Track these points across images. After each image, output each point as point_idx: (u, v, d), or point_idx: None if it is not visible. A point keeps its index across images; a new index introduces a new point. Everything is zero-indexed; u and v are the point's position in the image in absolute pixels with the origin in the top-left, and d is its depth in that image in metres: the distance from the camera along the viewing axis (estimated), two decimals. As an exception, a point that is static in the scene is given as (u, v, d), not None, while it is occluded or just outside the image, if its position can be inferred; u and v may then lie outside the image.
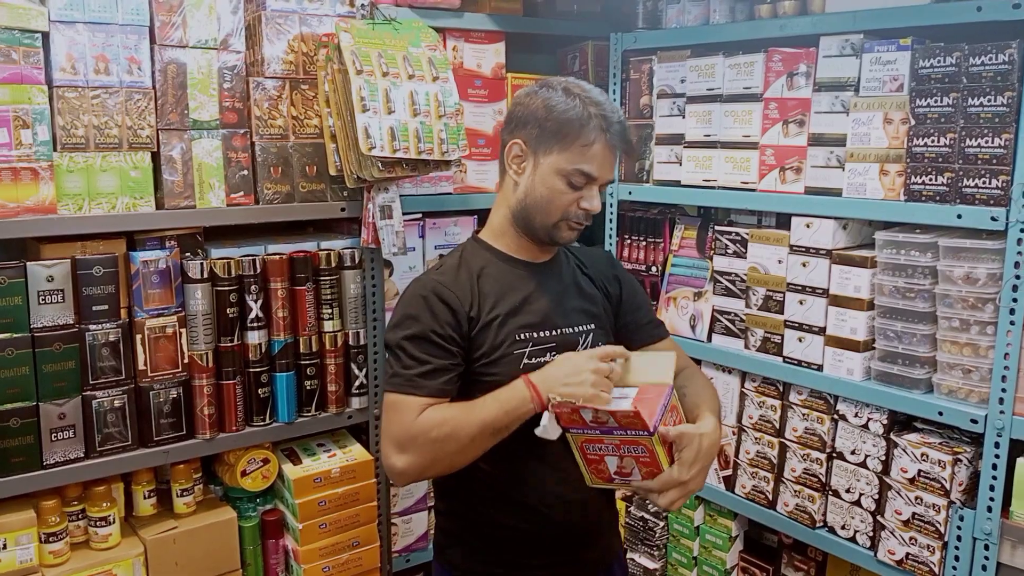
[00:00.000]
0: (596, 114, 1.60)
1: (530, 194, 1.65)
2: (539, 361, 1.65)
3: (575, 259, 1.83)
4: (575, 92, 1.63)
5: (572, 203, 1.63)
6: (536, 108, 1.64)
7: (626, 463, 1.56)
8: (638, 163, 2.56)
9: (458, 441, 1.51)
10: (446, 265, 1.70)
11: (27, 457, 1.92)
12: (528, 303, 1.68)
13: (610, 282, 1.85)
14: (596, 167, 1.61)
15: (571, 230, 1.67)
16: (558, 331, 1.69)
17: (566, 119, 1.60)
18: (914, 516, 1.95)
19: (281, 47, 2.17)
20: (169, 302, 2.09)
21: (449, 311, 1.60)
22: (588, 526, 1.74)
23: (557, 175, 1.62)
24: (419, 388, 1.56)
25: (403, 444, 1.53)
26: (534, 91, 1.68)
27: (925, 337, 1.93)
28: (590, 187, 1.63)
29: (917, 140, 1.89)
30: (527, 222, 1.67)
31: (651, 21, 2.52)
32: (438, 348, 1.58)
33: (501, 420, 1.52)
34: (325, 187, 2.28)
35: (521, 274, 1.71)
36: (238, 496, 2.32)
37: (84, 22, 1.92)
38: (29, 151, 1.87)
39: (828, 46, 2.06)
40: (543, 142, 1.62)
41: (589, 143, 1.60)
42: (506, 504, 1.67)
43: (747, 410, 2.32)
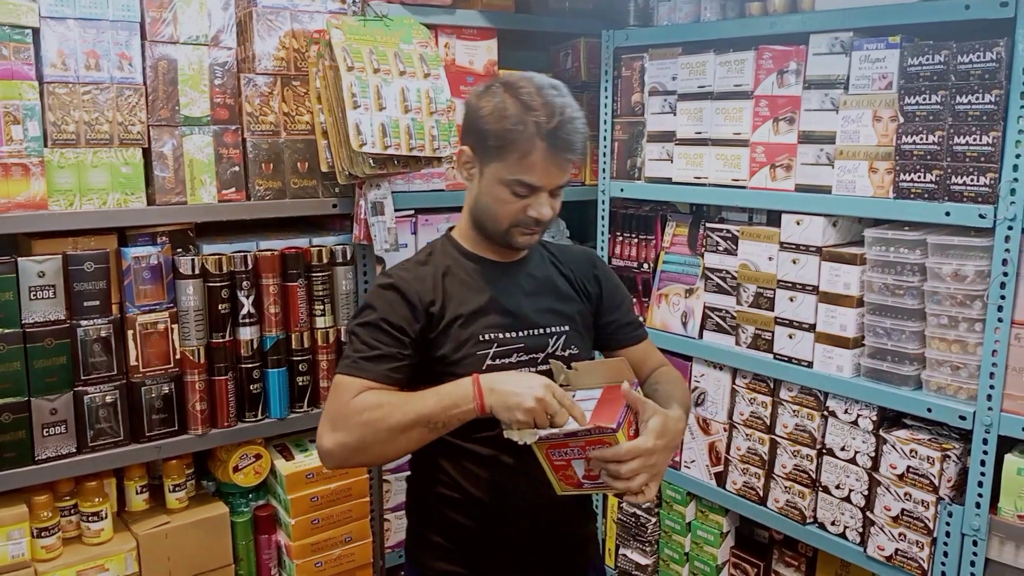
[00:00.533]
0: (534, 121, 1.49)
1: (479, 202, 1.60)
2: (504, 362, 1.59)
3: (553, 258, 1.77)
4: (516, 96, 1.52)
5: (520, 211, 1.55)
6: (476, 116, 1.56)
7: (594, 465, 1.47)
8: (629, 160, 2.56)
9: (389, 427, 1.44)
10: (412, 260, 1.67)
11: (19, 452, 1.93)
12: (495, 303, 1.62)
13: (589, 281, 1.78)
14: (537, 177, 1.52)
15: (525, 235, 1.59)
16: (526, 332, 1.63)
17: (502, 129, 1.51)
18: (903, 512, 1.96)
19: (272, 43, 2.18)
20: (161, 298, 2.09)
21: (406, 304, 1.55)
22: (559, 533, 1.67)
23: (500, 185, 1.54)
24: (363, 371, 1.50)
25: (335, 423, 1.47)
26: (478, 94, 1.59)
27: (914, 334, 1.94)
28: (536, 195, 1.54)
29: (906, 138, 1.90)
30: (482, 227, 1.62)
31: (643, 18, 2.52)
32: (388, 336, 1.53)
33: (438, 415, 1.44)
34: (317, 183, 2.28)
35: (489, 273, 1.65)
36: (231, 492, 2.33)
37: (75, 18, 1.92)
38: (20, 147, 1.87)
39: (818, 44, 2.06)
40: (484, 152, 1.55)
41: (527, 153, 1.50)
42: (472, 508, 1.62)
43: (738, 406, 2.33)
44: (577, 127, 1.54)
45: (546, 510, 1.62)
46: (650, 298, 2.55)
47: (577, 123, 1.54)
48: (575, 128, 1.54)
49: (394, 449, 1.48)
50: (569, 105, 1.54)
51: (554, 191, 1.57)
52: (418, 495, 1.72)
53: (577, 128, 1.54)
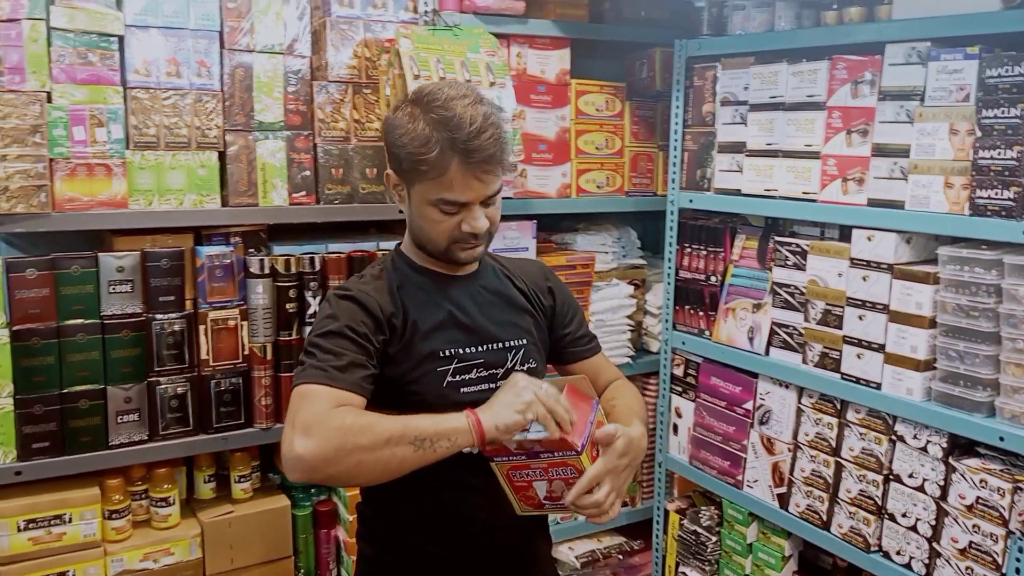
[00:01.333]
0: (446, 137, 1.42)
1: (413, 224, 1.56)
2: (464, 378, 1.55)
3: (505, 271, 1.71)
4: (424, 111, 1.46)
5: (454, 228, 1.49)
6: (391, 139, 1.51)
7: (555, 486, 1.46)
8: (699, 171, 2.52)
9: (373, 435, 1.30)
10: (367, 275, 1.61)
11: (94, 437, 2.04)
12: (452, 317, 1.57)
13: (543, 294, 1.72)
14: (459, 193, 1.46)
15: (466, 250, 1.54)
16: (485, 346, 1.58)
17: (412, 151, 1.45)
18: (971, 545, 1.86)
19: (345, 52, 2.24)
20: (232, 295, 2.18)
21: (367, 314, 1.48)
22: (518, 554, 1.64)
23: (427, 205, 1.49)
24: (334, 380, 1.38)
25: (309, 429, 1.30)
26: (391, 115, 1.54)
27: (988, 358, 1.84)
28: (468, 209, 1.48)
29: (983, 152, 1.81)
30: (423, 248, 1.57)
31: (716, 27, 2.48)
32: (354, 344, 1.44)
33: (427, 431, 1.33)
34: (385, 189, 2.33)
35: (444, 287, 1.59)
36: (294, 486, 2.40)
37: (158, 27, 2.03)
38: (103, 148, 1.98)
39: (894, 54, 1.99)
40: (404, 174, 1.51)
41: (443, 171, 1.44)
42: (432, 532, 1.57)
43: (803, 427, 2.26)
44: (491, 135, 1.45)
45: (507, 530, 1.59)
46: (716, 312, 2.51)
47: (493, 131, 1.46)
48: (491, 137, 1.45)
49: (373, 463, 1.31)
50: (481, 113, 1.46)
51: (486, 201, 1.50)
52: (374, 521, 1.65)
53: (492, 137, 1.46)
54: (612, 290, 2.74)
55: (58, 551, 2.01)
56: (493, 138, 1.46)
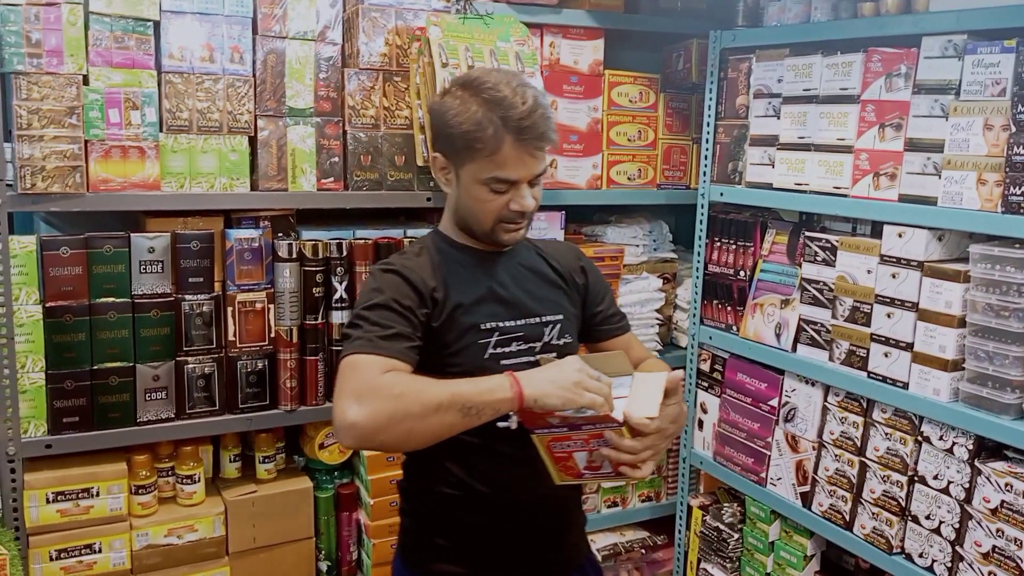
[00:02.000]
0: (499, 116, 1.49)
1: (460, 204, 1.61)
2: (504, 351, 1.60)
3: (538, 250, 1.77)
4: (476, 93, 1.52)
5: (502, 207, 1.55)
6: (442, 121, 1.56)
7: (596, 456, 1.48)
8: (731, 164, 2.50)
9: (423, 403, 1.36)
10: (408, 252, 1.67)
11: (122, 413, 2.09)
12: (492, 291, 1.62)
13: (576, 273, 1.77)
14: (511, 170, 1.52)
15: (511, 231, 1.60)
16: (523, 320, 1.63)
17: (467, 130, 1.51)
18: (994, 549, 1.82)
19: (377, 40, 2.26)
20: (259, 278, 2.21)
21: (411, 288, 1.54)
22: (556, 525, 1.69)
23: (477, 185, 1.55)
24: (382, 349, 1.44)
25: (362, 396, 1.36)
26: (439, 99, 1.61)
27: (1018, 359, 1.80)
28: (516, 188, 1.54)
29: (1018, 148, 1.77)
30: (467, 229, 1.63)
31: (752, 19, 2.45)
32: (400, 316, 1.50)
33: (474, 398, 1.38)
34: (413, 177, 2.35)
35: (483, 263, 1.65)
36: (317, 468, 2.43)
37: (192, 12, 2.06)
38: (137, 131, 2.02)
39: (930, 47, 1.95)
40: (455, 155, 1.56)
41: (496, 149, 1.50)
42: (473, 503, 1.61)
43: (828, 425, 2.23)
44: (543, 114, 1.53)
45: (546, 500, 1.63)
46: (744, 307, 2.48)
47: (542, 110, 1.53)
48: (541, 115, 1.52)
49: (423, 430, 1.38)
50: (531, 94, 1.53)
51: (533, 181, 1.57)
52: (416, 496, 1.70)
53: (543, 115, 1.53)
54: (641, 283, 2.73)
55: (85, 524, 2.06)
56: (543, 117, 1.53)
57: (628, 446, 1.43)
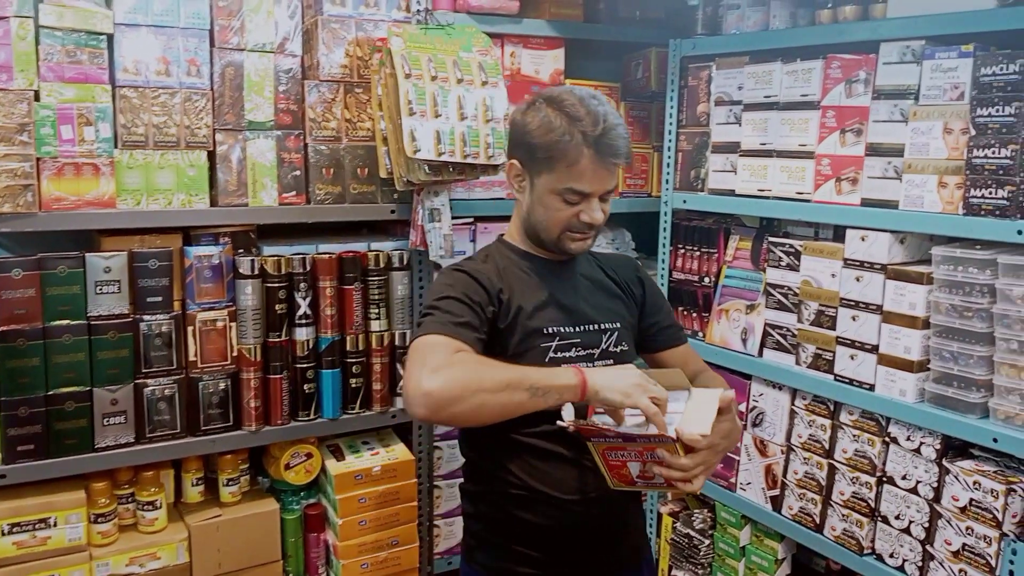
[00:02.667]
0: (580, 131, 1.58)
1: (531, 212, 1.69)
2: (563, 356, 1.66)
3: (598, 262, 1.86)
4: (560, 108, 1.61)
5: (572, 217, 1.64)
6: (523, 130, 1.65)
7: (648, 468, 1.53)
8: (693, 171, 2.51)
9: (495, 380, 1.44)
10: (476, 257, 1.77)
11: (80, 439, 2.02)
12: (553, 298, 1.70)
13: (634, 284, 1.86)
14: (587, 184, 1.61)
15: (578, 241, 1.68)
16: (582, 327, 1.71)
17: (549, 141, 1.60)
18: (964, 547, 1.85)
19: (337, 51, 2.22)
20: (220, 296, 2.16)
21: (480, 287, 1.62)
22: (614, 524, 1.74)
23: (552, 194, 1.63)
24: (455, 334, 1.53)
25: (437, 369, 1.43)
26: (522, 110, 1.69)
27: (982, 359, 1.83)
28: (588, 201, 1.63)
29: (977, 151, 1.80)
30: (535, 236, 1.71)
31: (711, 27, 2.47)
32: (470, 309, 1.58)
33: (541, 381, 1.46)
34: (376, 189, 2.32)
35: (544, 271, 1.73)
36: (283, 489, 2.37)
37: (147, 25, 2.01)
38: (91, 147, 1.96)
39: (888, 53, 1.98)
40: (533, 164, 1.64)
41: (575, 161, 1.59)
42: (533, 502, 1.67)
43: (796, 428, 2.25)
44: (620, 133, 1.62)
45: (604, 501, 1.67)
46: (710, 313, 2.49)
47: (620, 129, 1.62)
48: (619, 134, 1.62)
49: (494, 404, 1.44)
50: (611, 113, 1.63)
51: (604, 196, 1.66)
52: (480, 497, 1.76)
53: (621, 134, 1.62)
54: (605, 292, 2.72)
55: (43, 555, 1.98)
56: (620, 135, 1.62)
57: (680, 464, 1.48)
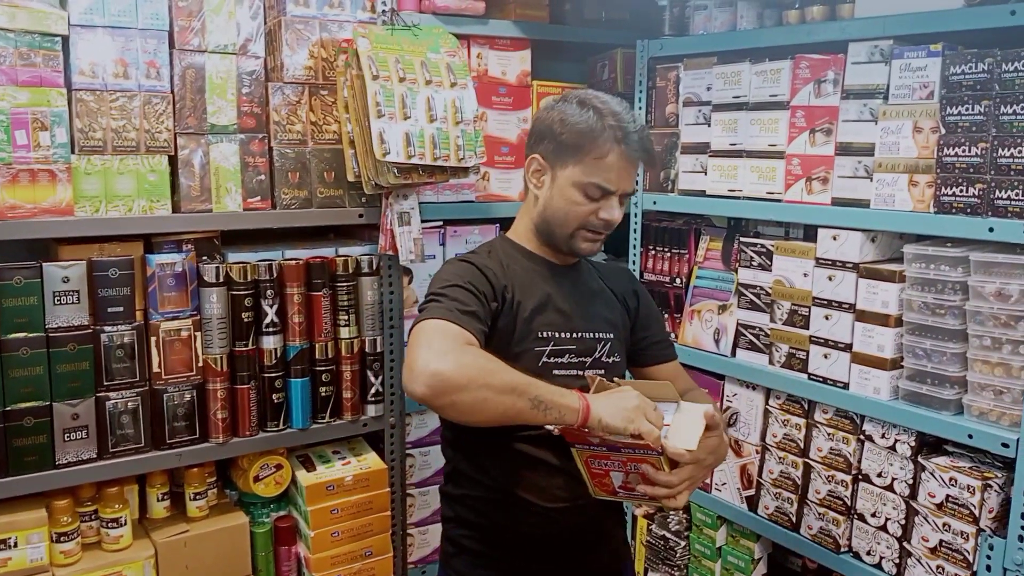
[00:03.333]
0: (611, 125, 1.60)
1: (549, 207, 1.68)
2: (557, 361, 1.65)
3: (597, 271, 1.86)
4: (591, 104, 1.64)
5: (590, 214, 1.64)
6: (552, 122, 1.65)
7: (631, 479, 1.53)
8: (663, 172, 2.50)
9: (501, 379, 1.39)
10: (479, 251, 1.74)
11: (40, 456, 1.94)
12: (552, 301, 1.69)
13: (629, 296, 1.86)
14: (612, 179, 1.62)
15: (590, 241, 1.68)
16: (578, 334, 1.70)
17: (579, 131, 1.61)
18: (941, 543, 1.86)
19: (301, 52, 2.17)
20: (184, 305, 2.09)
21: (486, 280, 1.61)
22: (597, 532, 1.72)
23: (574, 188, 1.63)
24: (461, 322, 1.48)
25: (447, 354, 1.39)
26: (551, 105, 1.70)
27: (955, 356, 1.84)
28: (608, 199, 1.64)
29: (947, 150, 1.81)
30: (547, 233, 1.70)
31: (678, 28, 2.47)
32: (476, 299, 1.56)
33: (545, 396, 1.42)
34: (343, 193, 2.27)
35: (546, 273, 1.72)
36: (252, 501, 2.31)
37: (104, 26, 1.94)
38: (47, 153, 1.89)
39: (857, 52, 1.99)
40: (559, 156, 1.64)
41: (603, 155, 1.60)
42: (513, 508, 1.65)
43: (771, 428, 2.25)
44: (646, 136, 1.66)
45: (585, 508, 1.66)
46: (682, 314, 2.49)
47: (645, 133, 1.66)
48: (646, 137, 1.66)
49: (495, 404, 1.39)
50: (638, 118, 1.67)
51: (622, 197, 1.67)
52: (459, 500, 1.73)
53: (647, 137, 1.66)
54: (576, 294, 2.70)
55: (3, 577, 1.91)
56: (648, 137, 1.67)
57: (664, 480, 1.48)
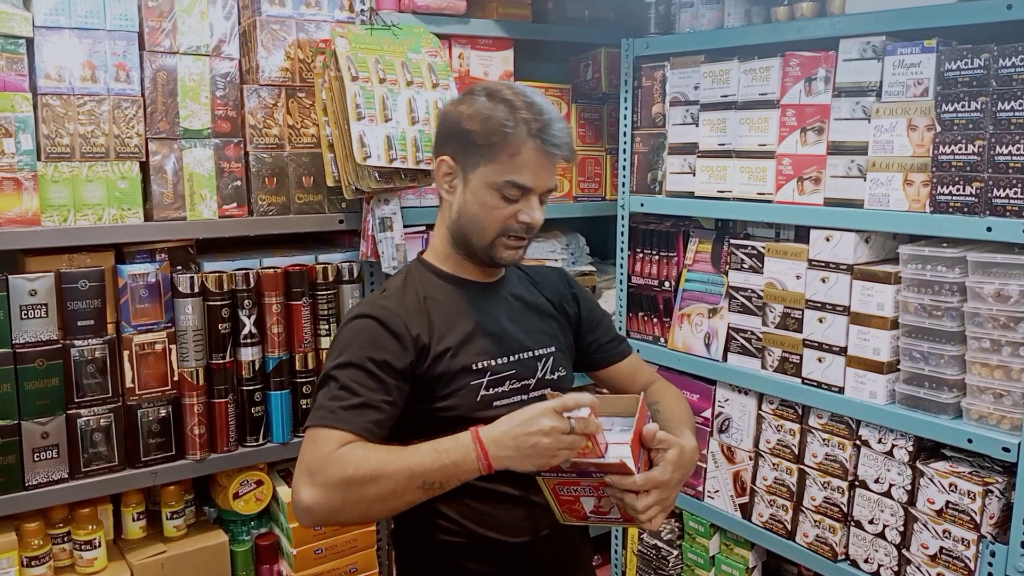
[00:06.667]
0: (524, 118, 1.45)
1: (463, 213, 1.52)
2: (498, 391, 1.52)
3: (528, 278, 1.71)
4: (500, 95, 1.48)
5: (509, 217, 1.49)
6: (459, 120, 1.50)
7: (604, 503, 1.43)
8: (650, 174, 2.45)
9: (378, 488, 1.30)
10: (391, 288, 1.56)
11: (8, 478, 1.86)
12: (482, 328, 1.54)
13: (568, 302, 1.72)
14: (529, 176, 1.47)
15: (512, 248, 1.52)
16: (515, 356, 1.57)
17: (490, 128, 1.45)
18: (942, 551, 1.81)
19: (277, 54, 2.11)
20: (158, 317, 2.02)
21: (393, 338, 1.44)
22: (565, 562, 1.61)
23: (489, 189, 1.48)
24: (342, 422, 1.37)
25: (315, 475, 1.31)
26: (456, 101, 1.55)
27: (953, 358, 1.80)
28: (527, 199, 1.49)
29: (943, 148, 1.77)
30: (464, 243, 1.54)
31: (664, 26, 2.42)
32: (373, 379, 1.41)
33: (435, 475, 1.31)
34: (323, 198, 2.20)
35: (472, 297, 1.57)
36: (232, 519, 2.24)
37: (70, 28, 1.87)
38: (12, 160, 1.81)
39: (848, 49, 1.94)
40: (470, 156, 1.49)
41: (517, 151, 1.45)
42: (475, 547, 1.52)
43: (764, 434, 2.20)
44: (563, 127, 1.51)
45: (551, 540, 1.56)
46: (671, 318, 2.44)
47: (562, 123, 1.51)
48: (562, 127, 1.50)
49: (381, 510, 1.36)
50: (553, 107, 1.52)
51: (543, 196, 1.53)
52: (413, 546, 1.60)
53: (563, 128, 1.51)
54: (562, 299, 2.65)
55: (-30, 605, 1.83)
56: (565, 129, 1.51)
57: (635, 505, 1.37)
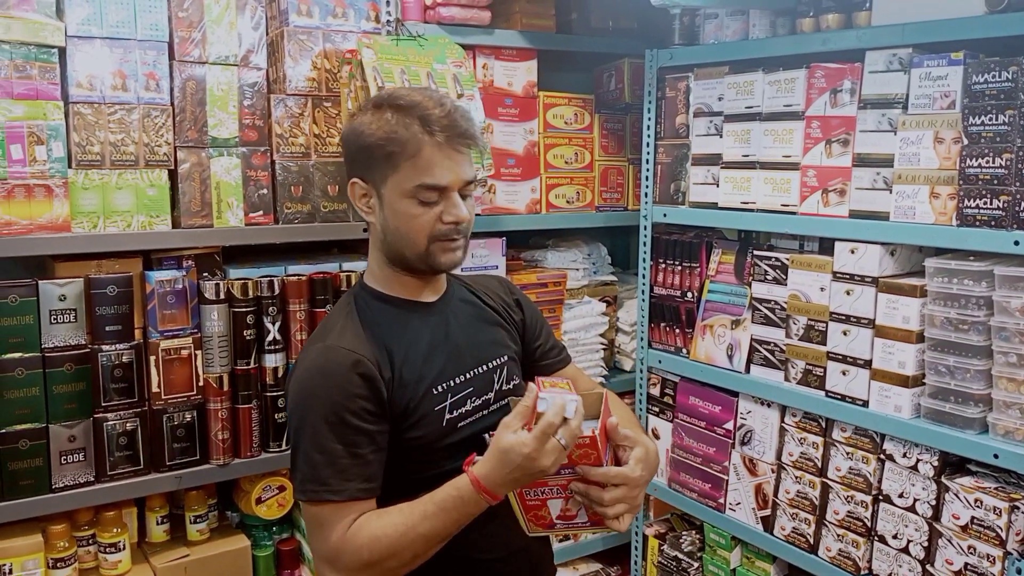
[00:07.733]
0: (417, 116, 1.42)
1: (388, 230, 1.47)
2: (460, 412, 1.50)
3: (470, 289, 1.68)
4: (387, 103, 1.46)
5: (434, 221, 1.44)
6: (356, 138, 1.47)
7: (571, 504, 1.42)
8: (673, 184, 2.45)
9: (399, 559, 1.35)
10: (337, 324, 1.49)
11: (35, 480, 1.88)
12: (435, 350, 1.51)
13: (512, 309, 1.70)
14: (438, 174, 1.42)
15: (449, 251, 1.48)
16: (471, 372, 1.54)
17: (382, 139, 1.42)
18: (966, 567, 1.80)
19: (304, 64, 2.13)
20: (185, 323, 2.04)
21: (363, 381, 1.40)
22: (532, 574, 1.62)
23: (403, 199, 1.43)
24: (337, 493, 1.36)
25: (335, 563, 1.36)
26: (349, 123, 1.53)
27: (979, 373, 1.79)
28: (447, 196, 1.44)
29: (970, 161, 1.76)
30: (401, 259, 1.49)
31: (688, 37, 2.42)
32: (353, 431, 1.38)
33: (450, 529, 1.36)
34: (348, 207, 2.22)
35: (419, 318, 1.53)
36: (254, 524, 2.25)
37: (102, 38, 1.89)
38: (43, 168, 1.84)
39: (874, 61, 1.94)
40: (376, 171, 1.45)
41: (417, 152, 1.41)
42: (450, 563, 1.47)
43: (787, 447, 2.19)
44: (463, 113, 1.47)
45: (520, 556, 1.56)
46: (694, 329, 2.43)
47: (461, 110, 1.47)
48: (461, 114, 1.46)
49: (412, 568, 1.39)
50: (445, 97, 1.49)
51: (463, 191, 1.48)
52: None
53: (463, 114, 1.46)
54: (584, 308, 2.65)
55: (-3, 606, 1.85)
56: (462, 115, 1.46)
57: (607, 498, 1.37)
